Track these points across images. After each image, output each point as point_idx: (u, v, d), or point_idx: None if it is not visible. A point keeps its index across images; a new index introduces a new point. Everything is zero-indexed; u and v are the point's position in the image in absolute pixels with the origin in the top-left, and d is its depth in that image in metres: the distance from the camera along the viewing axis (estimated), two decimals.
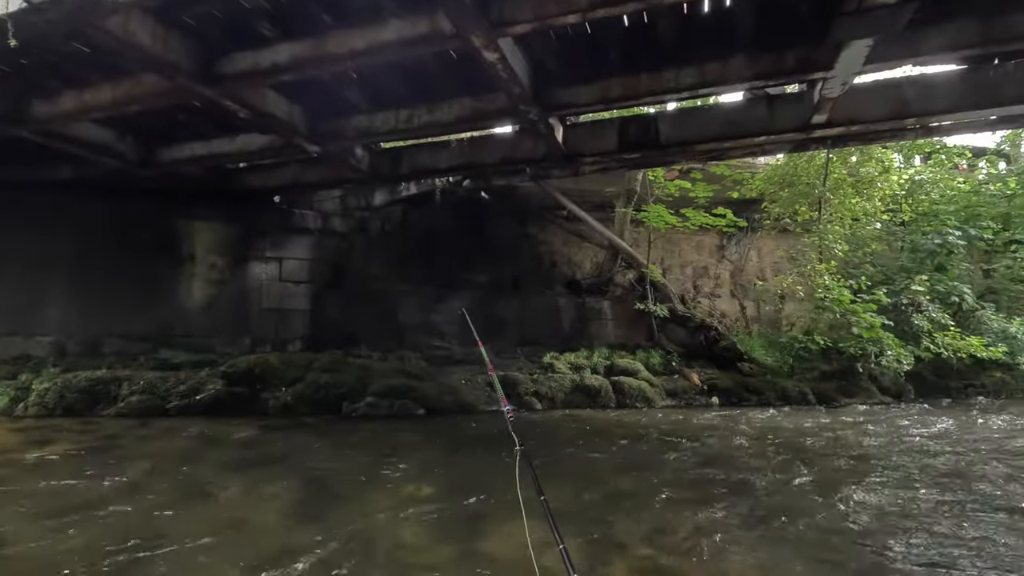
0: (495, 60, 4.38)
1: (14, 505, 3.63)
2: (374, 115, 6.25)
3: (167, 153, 7.43)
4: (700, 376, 8.83)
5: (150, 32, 4.46)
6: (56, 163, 7.96)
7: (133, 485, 4.09)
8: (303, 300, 9.37)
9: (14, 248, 8.20)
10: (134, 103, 5.58)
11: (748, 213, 11.20)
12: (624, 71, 5.17)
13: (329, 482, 4.28)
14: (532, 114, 5.40)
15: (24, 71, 5.53)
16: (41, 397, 6.35)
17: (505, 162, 7.03)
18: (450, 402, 7.14)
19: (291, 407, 6.78)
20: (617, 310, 10.58)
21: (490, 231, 10.85)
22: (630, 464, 4.99)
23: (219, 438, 5.50)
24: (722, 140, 6.06)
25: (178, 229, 8.86)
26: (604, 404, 7.76)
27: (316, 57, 4.74)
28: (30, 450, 4.88)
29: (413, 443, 5.59)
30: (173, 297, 8.74)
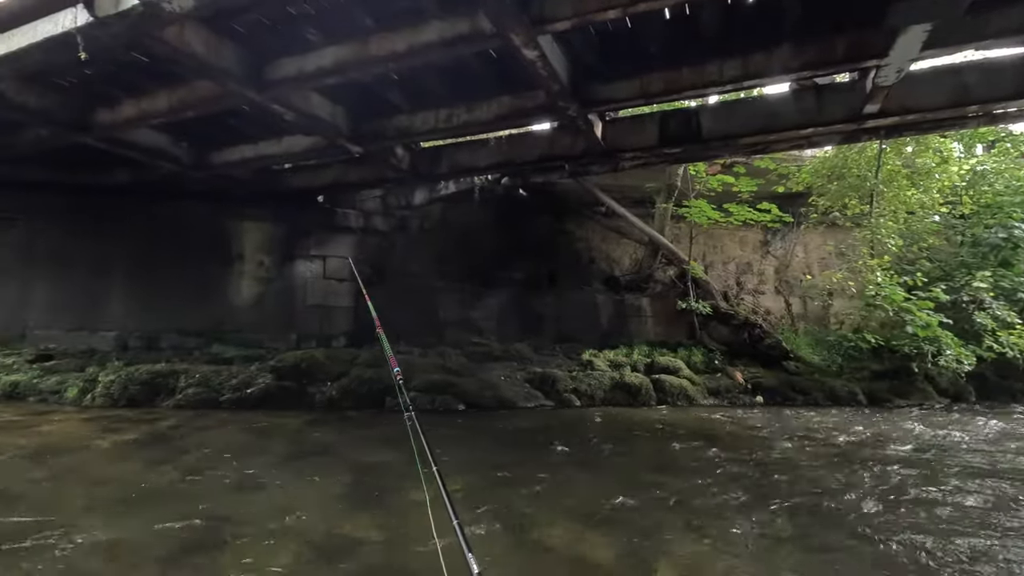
0: (535, 58, 4.38)
1: (92, 489, 3.88)
2: (414, 115, 6.34)
3: (218, 156, 7.74)
4: (744, 374, 8.63)
5: (203, 41, 4.65)
6: (116, 168, 8.42)
7: (195, 472, 4.31)
8: (346, 297, 9.60)
9: (80, 249, 8.72)
10: (189, 109, 5.85)
11: (794, 207, 10.84)
12: (665, 65, 5.08)
13: (375, 474, 4.39)
14: (571, 110, 5.38)
15: (89, 81, 5.87)
16: (107, 388, 6.74)
17: (543, 159, 7.02)
18: (490, 398, 7.21)
19: (336, 401, 6.98)
20: (657, 307, 10.43)
21: (528, 228, 10.86)
22: (677, 465, 4.90)
23: (270, 430, 5.72)
24: (767, 133, 5.89)
25: (228, 229, 9.22)
26: (644, 402, 7.67)
27: (358, 60, 4.86)
28: (101, 438, 5.20)
29: (454, 438, 5.68)
30: (224, 294, 9.11)
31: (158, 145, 7.25)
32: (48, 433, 5.41)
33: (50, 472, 4.22)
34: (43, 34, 4.35)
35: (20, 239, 8.69)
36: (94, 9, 3.95)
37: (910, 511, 3.85)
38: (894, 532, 3.48)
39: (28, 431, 5.44)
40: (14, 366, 7.55)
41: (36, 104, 5.94)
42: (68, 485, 3.96)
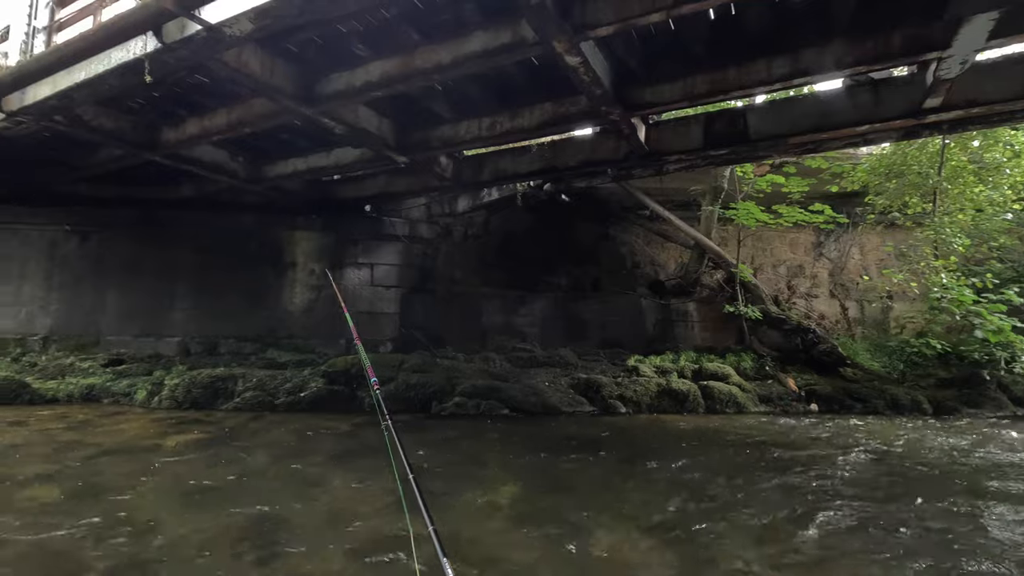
0: (577, 64, 4.40)
1: (162, 487, 4.12)
2: (458, 124, 6.46)
3: (272, 169, 8.09)
4: (797, 381, 8.32)
5: (259, 61, 4.90)
6: (179, 183, 8.92)
7: (255, 472, 4.51)
8: (392, 303, 9.83)
9: (147, 260, 9.27)
10: (246, 125, 6.15)
11: (849, 207, 10.41)
12: (710, 66, 5.00)
13: (423, 478, 4.46)
14: (614, 115, 5.36)
15: (156, 103, 6.27)
16: (172, 392, 7.13)
17: (586, 164, 7.01)
18: (534, 403, 7.21)
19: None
20: (704, 312, 10.20)
21: (571, 233, 10.84)
22: (732, 474, 4.74)
23: (322, 432, 5.91)
24: (819, 131, 5.69)
25: (281, 239, 9.61)
26: (692, 409, 7.51)
27: (404, 73, 5.00)
28: (168, 438, 5.51)
29: (500, 442, 5.72)
30: (278, 301, 9.49)
31: (217, 160, 7.64)
32: (122, 432, 5.76)
33: (128, 469, 4.50)
34: (116, 60, 4.70)
35: (95, 251, 9.31)
36: (162, 36, 4.23)
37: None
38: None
39: (105, 430, 5.82)
40: (90, 370, 8.09)
41: (110, 126, 6.39)
42: (144, 481, 4.22)
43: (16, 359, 8.47)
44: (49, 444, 5.23)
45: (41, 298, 9.10)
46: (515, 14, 4.17)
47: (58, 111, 5.74)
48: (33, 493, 3.89)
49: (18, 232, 9.18)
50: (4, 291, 9.05)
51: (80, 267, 9.23)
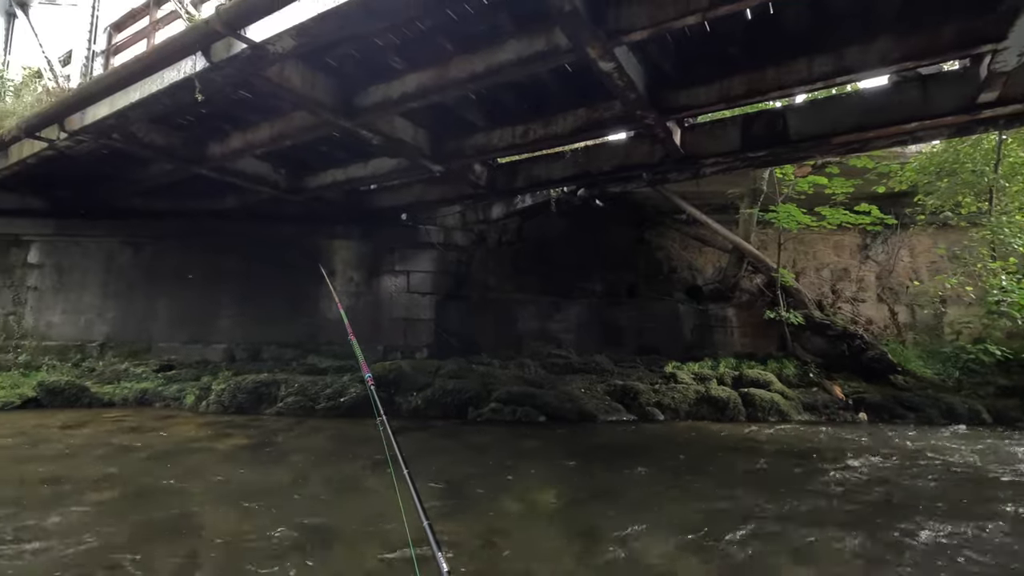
0: (611, 69, 4.39)
1: (210, 489, 4.28)
2: (492, 132, 6.51)
3: (312, 180, 8.33)
4: (843, 389, 8.03)
5: (301, 76, 5.06)
6: (224, 194, 9.26)
7: (297, 475, 4.64)
8: (428, 310, 9.95)
9: (194, 269, 9.64)
10: (287, 138, 6.36)
11: (897, 208, 10.00)
12: (747, 67, 4.91)
13: (461, 484, 4.50)
14: (649, 119, 5.31)
15: (203, 119, 6.54)
16: (219, 396, 7.40)
17: (620, 169, 6.96)
18: (570, 410, 7.17)
19: (421, 410, 7.24)
20: (743, 317, 9.95)
21: (605, 238, 10.76)
22: (776, 486, 4.59)
23: (361, 437, 6.02)
24: (863, 130, 5.50)
25: (320, 247, 9.86)
26: (733, 417, 7.33)
27: (439, 83, 5.08)
28: (216, 442, 5.72)
29: (536, 449, 5.71)
30: (317, 308, 9.72)
31: (260, 172, 7.91)
32: (173, 436, 6.01)
33: (180, 471, 4.69)
34: (168, 80, 4.94)
35: (147, 261, 9.75)
36: (210, 55, 4.43)
37: None
38: None
39: (157, 434, 6.08)
40: (143, 375, 8.47)
41: (162, 142, 6.70)
42: (195, 484, 4.38)
43: (76, 364, 8.95)
44: (106, 446, 5.49)
45: (98, 306, 9.58)
46: (548, 22, 4.19)
47: (115, 129, 6.06)
48: (94, 495, 4.09)
49: (80, 244, 9.72)
50: (66, 300, 9.58)
51: (133, 277, 9.68)
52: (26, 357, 9.06)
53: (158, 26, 6.32)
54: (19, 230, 9.64)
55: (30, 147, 6.87)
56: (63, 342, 9.35)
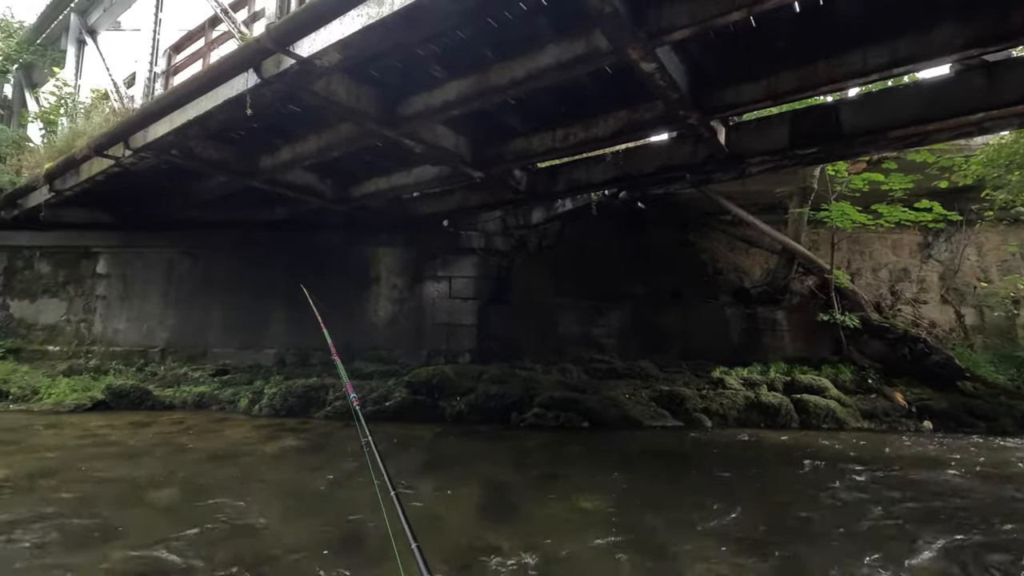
0: (652, 70, 4.32)
1: (261, 490, 4.43)
2: (532, 137, 6.51)
3: (356, 189, 8.53)
4: (906, 395, 7.61)
5: (346, 88, 5.20)
6: (274, 205, 9.60)
7: (346, 476, 4.74)
8: (470, 315, 10.01)
9: (247, 277, 10.03)
10: (333, 149, 6.55)
11: (961, 204, 9.42)
12: (796, 61, 4.73)
13: (505, 489, 4.50)
14: (692, 119, 5.20)
15: (254, 133, 6.80)
16: (271, 400, 7.66)
17: (662, 170, 6.83)
18: (615, 416, 7.07)
19: (464, 415, 7.29)
20: (795, 320, 9.58)
21: (648, 241, 10.58)
22: (835, 498, 4.38)
23: (407, 441, 6.12)
24: (923, 123, 5.21)
25: (365, 255, 10.10)
26: (785, 424, 7.06)
27: (479, 90, 5.12)
28: (268, 444, 5.92)
29: (581, 455, 5.65)
30: (363, 314, 9.95)
31: (308, 183, 8.17)
32: (228, 437, 6.26)
33: (234, 472, 4.88)
34: (222, 97, 5.16)
35: (203, 271, 10.22)
36: (261, 72, 4.61)
37: None
38: None
39: (213, 435, 6.34)
40: (200, 379, 8.86)
41: (216, 156, 7.01)
42: (248, 484, 4.55)
43: (140, 369, 9.45)
44: (168, 446, 5.78)
45: (159, 314, 10.09)
46: (588, 24, 4.17)
47: (174, 145, 6.38)
48: (157, 493, 4.30)
49: (142, 255, 10.28)
50: (131, 308, 10.14)
51: (191, 286, 10.15)
52: (96, 362, 9.63)
53: (213, 46, 6.63)
54: (89, 242, 10.29)
55: (99, 164, 7.31)
56: (128, 348, 9.89)
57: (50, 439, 5.99)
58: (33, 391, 8.21)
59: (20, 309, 10.35)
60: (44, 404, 7.88)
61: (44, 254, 10.45)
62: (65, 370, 9.27)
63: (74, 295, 10.27)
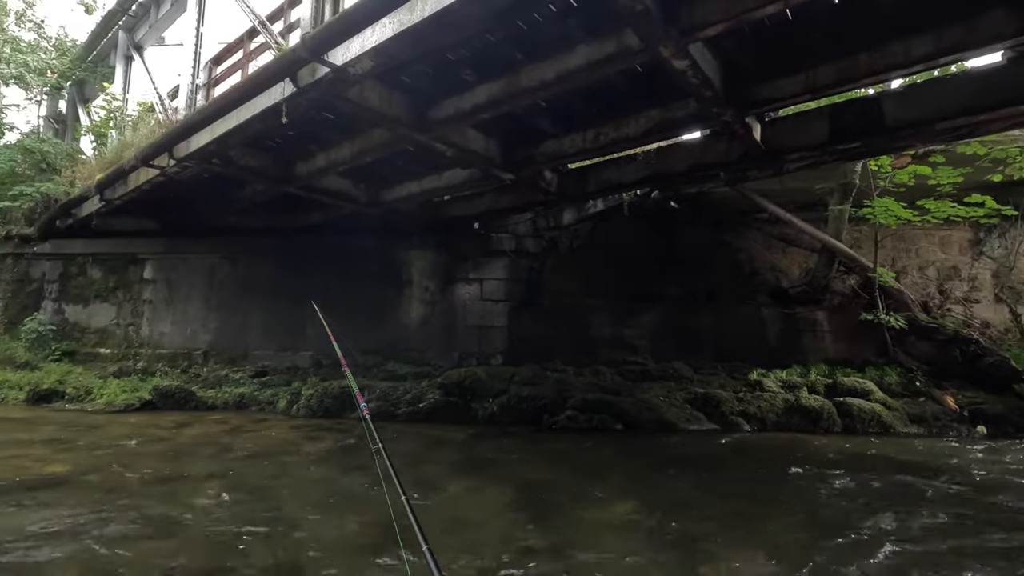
0: (685, 67, 4.25)
1: (303, 490, 4.53)
2: (562, 138, 6.49)
3: (389, 193, 8.66)
4: (957, 399, 7.27)
5: (378, 95, 5.29)
6: (309, 211, 9.83)
7: (379, 478, 4.78)
8: (501, 317, 10.03)
9: (284, 281, 10.29)
10: (366, 155, 6.67)
11: (1016, 198, 8.96)
12: (835, 54, 4.59)
13: (540, 491, 4.49)
14: (726, 116, 5.09)
15: (290, 141, 6.98)
16: (308, 401, 7.85)
17: (695, 169, 6.71)
18: (649, 418, 6.98)
19: (497, 416, 7.30)
20: (836, 321, 9.27)
21: (681, 241, 10.41)
22: (900, 505, 4.15)
23: (440, 442, 6.17)
24: (973, 113, 4.97)
25: (397, 258, 10.24)
26: (827, 428, 6.84)
27: (510, 93, 5.13)
28: (307, 444, 6.07)
29: (615, 458, 5.61)
30: (396, 316, 10.09)
31: (342, 188, 8.34)
32: (267, 437, 6.43)
33: (274, 471, 5.01)
34: (260, 106, 5.32)
35: (242, 275, 10.53)
36: (297, 81, 4.73)
37: None
38: None
39: (253, 435, 6.53)
40: (240, 380, 9.14)
41: (255, 164, 7.23)
42: (287, 483, 4.67)
43: (184, 370, 9.80)
44: (211, 446, 5.97)
45: (202, 317, 10.45)
46: (619, 24, 4.13)
47: (215, 154, 6.61)
48: (202, 491, 4.45)
49: (186, 260, 10.67)
50: (175, 312, 10.54)
51: (231, 290, 10.48)
52: (143, 364, 10.03)
53: (251, 57, 6.84)
54: (136, 249, 10.75)
55: (145, 174, 7.63)
56: (173, 350, 10.28)
57: (103, 437, 6.26)
58: (87, 391, 8.61)
59: (74, 313, 10.88)
60: (96, 404, 8.25)
61: (96, 261, 10.96)
62: (115, 371, 9.69)
63: (123, 300, 10.73)
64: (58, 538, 3.41)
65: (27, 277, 11.15)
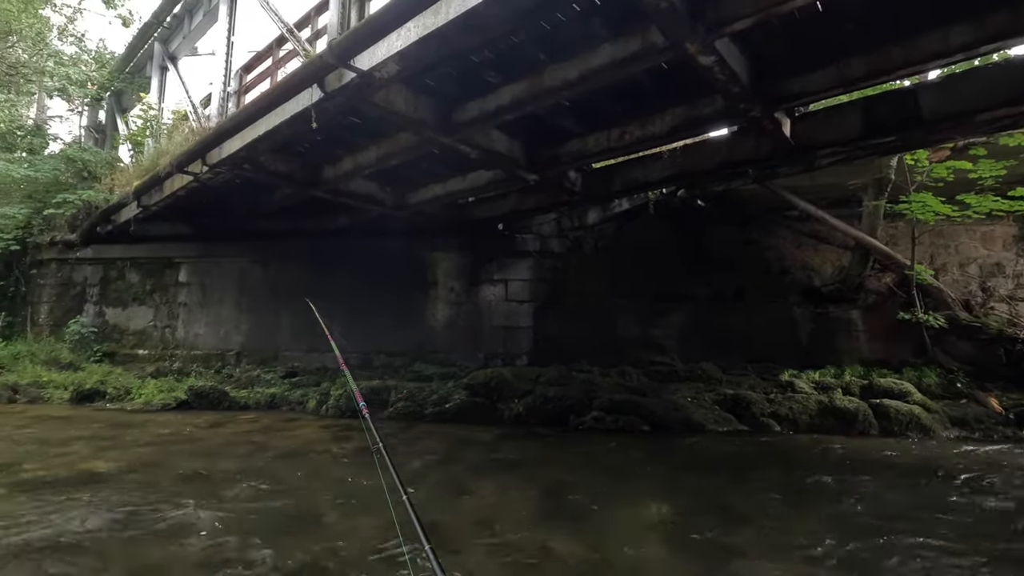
0: (711, 63, 4.19)
1: (326, 491, 4.60)
2: (586, 138, 6.46)
3: (414, 196, 8.75)
4: (1002, 401, 6.99)
5: (403, 98, 5.35)
6: (336, 214, 9.99)
7: (409, 476, 4.83)
8: (526, 317, 10.03)
9: (312, 283, 10.44)
10: (392, 158, 6.74)
11: None
12: (868, 45, 4.46)
13: (567, 492, 4.47)
14: (754, 112, 5.00)
15: (318, 145, 7.11)
16: (337, 401, 7.97)
17: (723, 166, 6.59)
18: (677, 419, 6.89)
19: (523, 417, 7.31)
20: (871, 320, 9.01)
21: (709, 240, 10.26)
22: (939, 519, 3.97)
23: (467, 442, 6.20)
24: (1017, 104, 4.77)
25: (423, 260, 10.33)
26: (862, 430, 6.65)
27: (533, 94, 5.13)
28: (335, 444, 6.16)
29: (644, 459, 5.54)
30: (421, 317, 10.18)
31: (368, 191, 8.45)
32: (299, 437, 6.56)
33: (306, 470, 5.10)
34: (289, 112, 5.43)
35: (272, 278, 10.76)
36: (324, 86, 4.81)
37: None
38: None
39: (286, 435, 6.67)
40: (272, 381, 9.33)
41: (284, 169, 7.38)
42: (317, 483, 4.75)
43: (218, 371, 10.06)
44: (244, 444, 6.12)
45: (234, 319, 10.72)
46: (643, 21, 4.09)
47: (246, 160, 6.77)
48: (235, 489, 4.56)
49: (218, 264, 10.95)
50: (208, 314, 10.83)
51: (261, 292, 10.72)
52: (178, 365, 10.34)
53: (280, 64, 6.98)
54: (172, 253, 11.08)
55: (180, 181, 7.86)
56: (207, 351, 10.56)
57: (142, 435, 6.48)
58: (126, 391, 8.91)
59: (114, 316, 11.27)
60: (135, 403, 8.52)
61: (134, 265, 11.34)
62: (152, 372, 10.01)
63: (160, 302, 11.08)
64: (102, 530, 3.53)
65: (70, 281, 11.60)
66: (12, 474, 4.74)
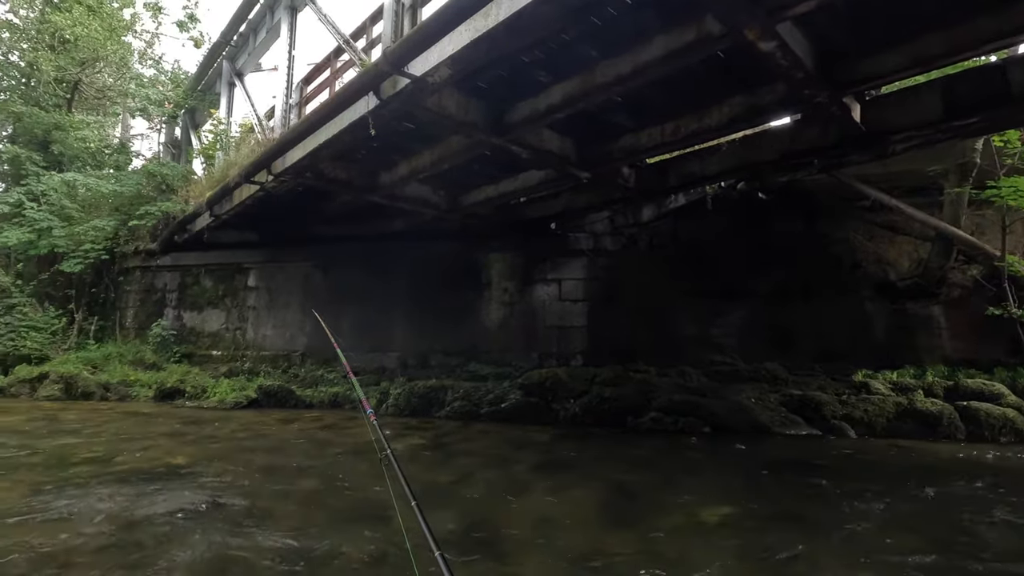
0: (772, 49, 4.02)
1: (383, 489, 4.71)
2: (639, 133, 6.34)
3: (467, 198, 8.86)
4: None
5: (455, 102, 5.43)
6: (392, 218, 10.26)
7: (467, 475, 4.93)
8: (581, 317, 9.95)
9: (370, 286, 10.80)
10: (445, 161, 6.85)
11: None
12: (947, 20, 4.15)
13: (625, 494, 4.40)
14: (820, 97, 4.75)
15: (374, 152, 7.31)
16: (396, 400, 8.18)
17: (786, 157, 6.31)
18: (740, 421, 6.64)
19: (579, 418, 7.25)
20: (955, 316, 8.36)
21: (772, 234, 9.81)
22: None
23: (523, 442, 6.21)
24: None
25: (476, 261, 10.43)
26: (947, 435, 6.18)
27: (584, 91, 5.09)
28: (395, 442, 6.30)
29: (706, 462, 5.39)
30: (476, 318, 10.29)
31: (422, 195, 8.63)
32: (359, 435, 6.74)
33: (367, 467, 5.25)
34: (347, 120, 5.62)
35: (333, 281, 11.17)
36: (380, 93, 4.94)
37: None
38: None
39: (347, 433, 6.90)
40: (334, 380, 9.69)
41: (343, 176, 7.65)
42: (380, 481, 4.85)
43: (284, 371, 10.55)
44: (312, 441, 6.41)
45: (299, 321, 11.20)
46: (698, 10, 3.98)
47: (307, 169, 7.06)
48: (307, 481, 4.78)
49: (283, 268, 11.48)
50: (275, 316, 11.37)
51: (323, 295, 11.14)
52: (249, 365, 10.91)
53: (337, 75, 7.25)
54: (241, 259, 11.71)
55: (248, 190, 8.30)
56: (274, 352, 11.09)
57: (218, 431, 6.88)
58: (202, 390, 9.49)
59: (191, 319, 12.04)
60: (210, 401, 9.07)
61: (207, 271, 12.06)
62: (225, 372, 10.61)
63: (231, 306, 11.73)
64: (183, 520, 3.77)
65: (152, 287, 12.49)
66: (128, 462, 5.15)
